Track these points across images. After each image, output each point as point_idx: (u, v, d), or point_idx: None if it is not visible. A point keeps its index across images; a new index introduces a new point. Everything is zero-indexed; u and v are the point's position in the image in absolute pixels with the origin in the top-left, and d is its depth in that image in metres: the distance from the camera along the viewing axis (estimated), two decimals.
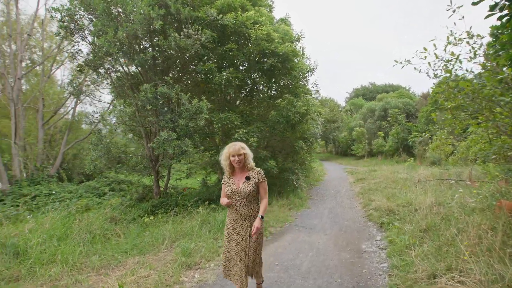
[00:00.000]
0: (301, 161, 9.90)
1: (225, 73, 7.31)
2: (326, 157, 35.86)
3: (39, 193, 11.59)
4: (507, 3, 2.47)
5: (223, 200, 2.77)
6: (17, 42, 14.10)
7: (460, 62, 3.31)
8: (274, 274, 3.80)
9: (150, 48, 7.32)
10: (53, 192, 11.78)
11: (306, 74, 9.08)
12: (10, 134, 13.89)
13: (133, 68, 7.88)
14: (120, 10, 6.38)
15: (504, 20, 2.63)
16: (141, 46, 7.18)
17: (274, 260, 4.27)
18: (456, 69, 3.27)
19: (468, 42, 3.33)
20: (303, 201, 8.59)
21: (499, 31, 2.98)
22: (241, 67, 8.61)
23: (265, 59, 7.69)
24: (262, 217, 2.74)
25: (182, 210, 6.74)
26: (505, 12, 2.53)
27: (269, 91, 9.31)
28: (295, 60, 8.24)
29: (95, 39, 6.46)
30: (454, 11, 3.18)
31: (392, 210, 6.28)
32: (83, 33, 7.08)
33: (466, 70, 3.31)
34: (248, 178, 2.74)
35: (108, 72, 7.65)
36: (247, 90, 9.00)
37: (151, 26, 6.20)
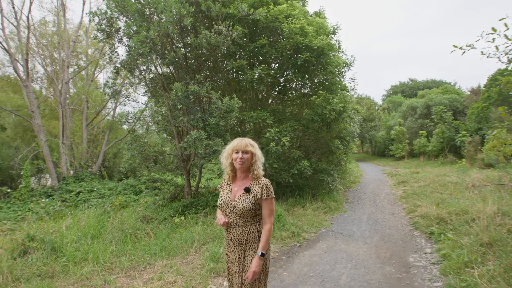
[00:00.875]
0: (336, 162, 9.34)
1: (257, 70, 7.06)
2: (362, 157, 34.24)
3: (82, 189, 12.31)
4: None
5: (218, 218, 2.06)
6: (64, 49, 15.17)
7: None
8: (309, 287, 3.45)
9: (183, 49, 7.32)
10: (95, 189, 12.43)
11: (343, 69, 8.53)
12: (58, 134, 14.97)
13: (166, 69, 7.95)
14: (152, 9, 6.41)
15: None
16: (173, 46, 7.19)
17: (309, 271, 3.91)
18: None
19: None
20: (339, 205, 8.08)
21: None
22: (273, 65, 8.32)
23: (299, 55, 7.31)
24: (262, 254, 1.95)
25: (213, 211, 6.61)
26: None
27: (302, 89, 8.90)
28: (331, 54, 7.74)
29: (129, 40, 6.57)
30: None
31: (443, 218, 5.58)
32: (119, 35, 7.27)
33: None
34: (247, 190, 2.01)
35: (143, 73, 7.79)
36: (280, 87, 8.67)
37: (182, 24, 6.14)
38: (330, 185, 8.59)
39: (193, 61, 7.41)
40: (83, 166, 15.04)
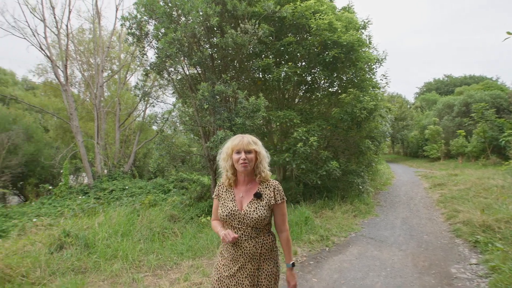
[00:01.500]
0: (367, 163, 8.92)
1: (283, 69, 6.91)
2: (393, 158, 32.74)
3: (115, 187, 12.87)
4: None
5: (225, 233, 1.69)
6: (99, 55, 15.99)
7: None
8: None
9: (209, 49, 7.37)
10: (126, 187, 12.94)
11: (374, 66, 8.12)
12: (94, 135, 15.82)
13: (193, 70, 8.06)
14: (179, 11, 6.50)
15: None
16: (200, 47, 7.25)
17: (339, 278, 3.70)
18: None
19: None
20: (370, 208, 7.69)
21: None
22: (300, 63, 8.11)
23: (327, 51, 7.05)
24: (293, 264, 1.82)
25: None
26: None
27: (330, 87, 8.60)
28: (361, 50, 7.39)
29: (158, 42, 6.72)
30: None
31: (490, 226, 5.06)
32: (149, 38, 7.47)
33: None
34: (258, 196, 1.74)
35: (171, 75, 7.95)
36: (307, 86, 8.45)
37: (208, 24, 6.16)
38: (360, 187, 8.22)
39: (219, 61, 7.43)
40: (116, 166, 15.74)
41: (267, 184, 1.79)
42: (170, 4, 6.68)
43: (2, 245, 4.38)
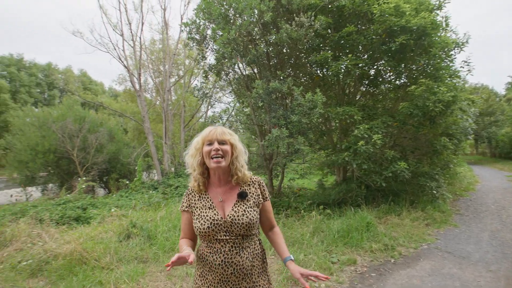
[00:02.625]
0: (443, 164, 7.75)
1: (343, 62, 6.43)
2: (477, 160, 28.25)
3: (180, 184, 13.83)
4: None
5: (177, 258, 1.26)
6: (167, 62, 17.46)
7: None
8: None
9: (264, 48, 7.31)
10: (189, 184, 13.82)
11: (452, 52, 6.99)
12: (162, 136, 17.34)
13: (249, 70, 8.11)
14: (234, 11, 6.58)
15: None
16: (255, 45, 7.25)
17: None
18: None
19: None
20: (447, 217, 6.66)
21: None
22: (361, 56, 7.47)
23: (393, 39, 6.31)
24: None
25: (294, 213, 6.34)
26: None
27: (397, 80, 7.71)
28: (435, 34, 6.43)
29: (214, 43, 6.92)
30: None
31: None
32: (207, 41, 7.78)
33: None
34: (243, 196, 1.46)
35: (228, 75, 8.15)
36: (369, 79, 7.73)
37: (262, 20, 6.09)
38: (434, 191, 7.17)
39: (275, 59, 7.32)
40: (181, 164, 16.95)
41: (251, 182, 1.53)
42: (226, 6, 6.82)
43: (83, 231, 5.01)
